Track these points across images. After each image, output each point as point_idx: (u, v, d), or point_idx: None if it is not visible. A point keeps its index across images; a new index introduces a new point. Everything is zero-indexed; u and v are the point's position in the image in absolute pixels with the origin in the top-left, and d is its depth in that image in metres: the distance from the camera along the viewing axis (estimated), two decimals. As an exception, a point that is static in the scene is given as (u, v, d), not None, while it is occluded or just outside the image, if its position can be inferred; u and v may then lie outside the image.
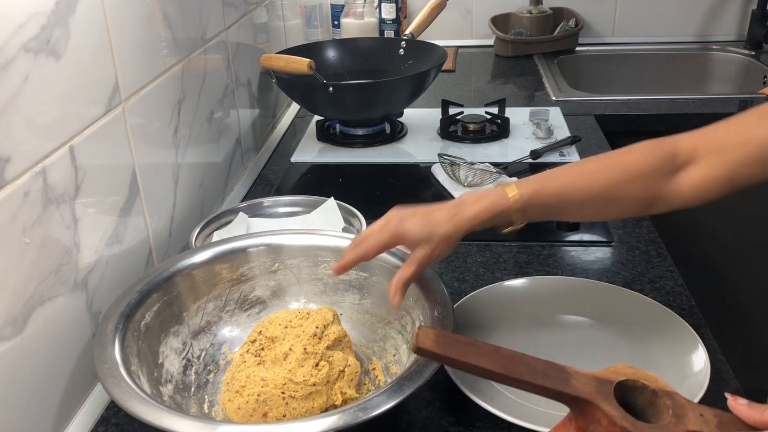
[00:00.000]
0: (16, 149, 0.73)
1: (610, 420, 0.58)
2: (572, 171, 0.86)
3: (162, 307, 0.88)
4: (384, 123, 1.66)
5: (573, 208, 0.85)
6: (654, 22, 2.27)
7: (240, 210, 1.20)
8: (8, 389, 0.73)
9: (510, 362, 0.61)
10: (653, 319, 0.95)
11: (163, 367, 0.86)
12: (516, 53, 2.21)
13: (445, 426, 0.83)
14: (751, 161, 0.80)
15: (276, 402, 0.80)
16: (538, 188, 0.83)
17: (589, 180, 0.84)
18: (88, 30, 0.87)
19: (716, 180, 0.82)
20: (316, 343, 0.84)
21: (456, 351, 0.61)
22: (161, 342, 0.87)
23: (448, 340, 0.62)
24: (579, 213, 0.87)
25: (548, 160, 1.48)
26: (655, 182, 0.83)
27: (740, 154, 0.80)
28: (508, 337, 0.96)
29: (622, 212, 0.87)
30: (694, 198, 0.84)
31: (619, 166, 0.85)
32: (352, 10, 2.21)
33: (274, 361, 0.83)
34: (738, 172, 0.81)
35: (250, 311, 0.97)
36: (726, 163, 0.81)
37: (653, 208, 0.85)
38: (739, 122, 0.82)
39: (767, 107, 0.81)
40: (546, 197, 0.83)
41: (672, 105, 1.79)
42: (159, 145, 1.07)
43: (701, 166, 0.83)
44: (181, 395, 0.85)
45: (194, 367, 0.90)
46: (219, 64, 1.33)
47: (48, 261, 0.79)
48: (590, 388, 0.60)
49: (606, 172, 0.85)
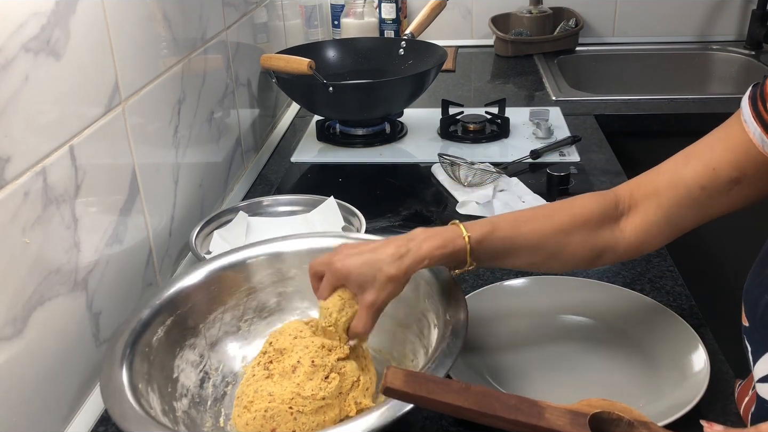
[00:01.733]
0: (16, 149, 0.73)
1: None
2: (522, 216, 0.86)
3: (176, 321, 0.87)
4: (384, 123, 1.66)
5: (522, 253, 0.83)
6: (654, 22, 2.27)
7: (240, 209, 1.20)
8: (9, 389, 0.73)
9: (481, 399, 0.60)
10: (653, 319, 0.95)
11: (178, 381, 0.84)
12: (516, 53, 2.21)
13: (445, 426, 0.83)
14: (683, 202, 0.81)
15: (284, 417, 0.78)
16: (489, 231, 0.81)
17: (539, 224, 0.84)
18: (88, 30, 0.87)
19: (655, 224, 0.83)
20: (325, 355, 0.81)
21: (425, 389, 0.60)
22: (176, 356, 0.86)
23: (417, 379, 0.60)
24: (528, 259, 0.85)
25: (548, 160, 1.48)
26: (601, 230, 0.84)
27: (672, 196, 0.82)
28: (508, 337, 0.96)
29: (569, 261, 0.86)
30: (637, 243, 0.84)
31: (568, 212, 0.85)
32: (352, 10, 2.21)
33: (282, 375, 0.81)
34: (673, 213, 0.82)
35: (269, 319, 0.95)
36: (660, 206, 0.82)
37: (601, 260, 0.86)
38: (668, 165, 0.84)
39: (690, 148, 0.83)
40: (496, 240, 0.82)
41: (672, 105, 1.79)
42: (159, 145, 1.07)
43: (639, 211, 0.84)
44: (196, 409, 0.84)
45: (212, 380, 0.88)
46: (219, 64, 1.33)
47: (48, 261, 0.79)
48: (564, 420, 0.60)
49: (555, 218, 0.85)
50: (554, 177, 1.34)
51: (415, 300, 0.87)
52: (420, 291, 0.87)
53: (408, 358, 0.88)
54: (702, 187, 0.80)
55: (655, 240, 0.85)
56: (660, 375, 0.87)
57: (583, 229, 0.84)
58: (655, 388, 0.85)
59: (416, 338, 0.87)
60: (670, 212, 0.82)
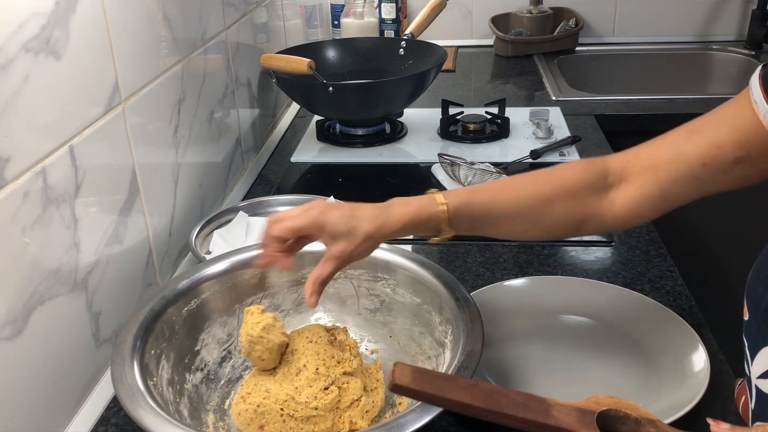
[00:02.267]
0: (16, 149, 0.73)
1: None
2: (502, 183, 0.85)
3: (212, 296, 0.89)
4: (384, 123, 1.66)
5: (503, 221, 0.83)
6: (654, 22, 2.27)
7: (240, 209, 1.20)
8: (9, 389, 0.73)
9: (489, 396, 0.60)
10: (653, 319, 0.95)
11: (198, 354, 0.86)
12: (516, 53, 2.21)
13: (445, 426, 0.83)
14: (682, 177, 0.79)
15: (273, 417, 0.78)
16: (467, 198, 0.81)
17: (518, 192, 0.83)
18: (88, 30, 0.86)
19: (649, 197, 0.82)
20: (332, 366, 0.81)
21: (433, 386, 0.59)
22: (203, 330, 0.87)
23: (425, 376, 0.60)
24: (508, 227, 0.84)
25: (548, 159, 1.48)
26: (587, 199, 0.82)
27: (671, 171, 0.80)
28: (508, 337, 0.96)
29: (552, 229, 0.84)
30: (627, 216, 0.83)
31: (551, 180, 0.84)
32: (352, 10, 2.21)
33: (285, 375, 0.81)
34: (670, 188, 0.80)
35: (304, 314, 0.96)
36: (658, 180, 0.81)
37: (585, 227, 0.84)
38: (669, 139, 0.82)
39: (694, 123, 0.81)
40: (475, 206, 0.81)
41: (672, 105, 1.79)
42: (159, 145, 1.07)
43: (633, 184, 0.82)
44: (207, 386, 0.86)
45: (232, 360, 0.90)
46: (219, 64, 1.33)
47: (48, 261, 0.79)
48: (572, 418, 0.59)
49: (537, 186, 0.84)
50: (554, 177, 1.34)
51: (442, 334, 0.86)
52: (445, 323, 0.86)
53: None
54: (703, 165, 0.78)
55: (645, 214, 0.83)
56: (660, 375, 0.87)
57: (566, 198, 0.82)
58: (655, 388, 0.85)
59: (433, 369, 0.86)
60: (666, 187, 0.80)
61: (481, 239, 1.17)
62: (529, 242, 1.17)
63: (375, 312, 0.95)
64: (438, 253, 1.17)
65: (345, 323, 0.94)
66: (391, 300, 0.93)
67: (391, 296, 0.93)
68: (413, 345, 0.91)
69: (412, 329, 0.91)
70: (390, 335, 0.93)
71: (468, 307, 0.83)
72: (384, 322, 0.94)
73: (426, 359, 0.88)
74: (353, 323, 0.95)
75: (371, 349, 0.94)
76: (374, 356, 0.93)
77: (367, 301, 0.95)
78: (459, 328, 0.80)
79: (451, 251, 1.18)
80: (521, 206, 0.82)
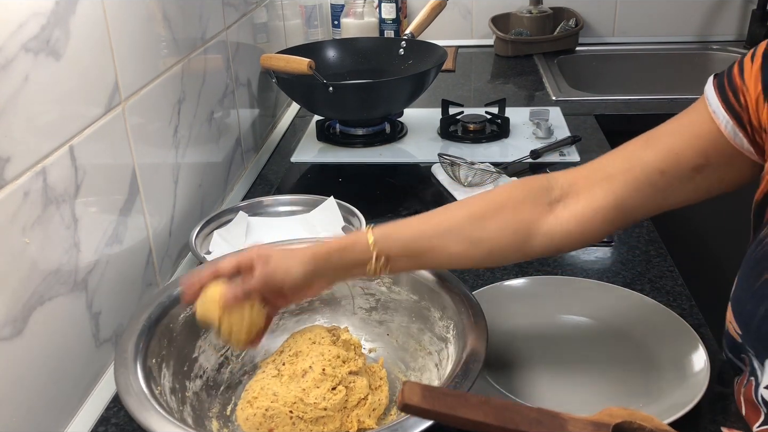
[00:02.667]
0: (16, 149, 0.73)
1: None
2: (435, 211, 0.83)
3: None
4: (384, 123, 1.66)
5: (436, 242, 0.79)
6: (654, 22, 2.27)
7: (240, 209, 1.20)
8: (9, 389, 0.73)
9: (502, 413, 0.58)
10: (653, 319, 0.95)
11: (196, 361, 0.86)
12: (516, 53, 2.21)
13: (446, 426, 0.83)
14: (639, 186, 0.77)
15: (283, 420, 0.78)
16: (394, 225, 0.80)
17: (449, 214, 0.82)
18: (88, 30, 0.86)
19: (601, 208, 0.78)
20: (338, 366, 0.81)
21: (444, 405, 0.58)
22: (200, 336, 0.87)
23: (435, 394, 0.59)
24: (444, 249, 0.79)
25: (548, 159, 1.48)
26: (524, 213, 0.79)
27: (627, 179, 0.77)
28: (507, 337, 0.96)
29: (493, 248, 0.80)
30: (579, 231, 0.79)
31: (481, 199, 0.83)
32: (352, 10, 2.21)
33: (291, 377, 0.81)
34: (626, 198, 0.77)
35: (300, 317, 0.96)
36: (612, 190, 0.78)
37: (532, 244, 0.80)
38: (623, 150, 0.81)
39: (650, 133, 0.80)
40: (403, 230, 0.80)
41: (672, 105, 1.79)
42: (159, 145, 1.07)
43: (584, 197, 0.79)
44: (207, 392, 0.85)
45: (230, 366, 0.89)
46: (219, 64, 1.33)
47: (48, 261, 0.79)
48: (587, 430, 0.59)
49: (467, 206, 0.82)
50: (554, 177, 1.34)
51: (443, 329, 0.86)
52: (446, 319, 0.86)
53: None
54: (662, 172, 0.76)
55: (599, 228, 0.79)
56: (660, 375, 0.87)
57: (499, 212, 0.80)
58: (655, 388, 0.85)
59: (435, 367, 0.86)
60: (623, 197, 0.77)
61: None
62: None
63: (371, 311, 0.95)
64: (438, 253, 1.17)
65: (341, 324, 0.94)
66: (387, 298, 0.94)
67: (387, 294, 0.93)
68: (412, 342, 0.91)
69: (410, 326, 0.91)
70: (387, 333, 0.93)
71: (469, 301, 0.84)
72: (380, 320, 0.94)
73: (426, 354, 0.88)
74: (349, 323, 0.95)
75: (369, 348, 0.94)
76: (372, 355, 0.93)
77: (362, 300, 0.95)
78: (462, 322, 0.81)
79: (451, 251, 1.18)
80: (452, 225, 0.80)
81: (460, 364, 0.75)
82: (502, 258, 0.84)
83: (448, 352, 0.84)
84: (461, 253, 0.80)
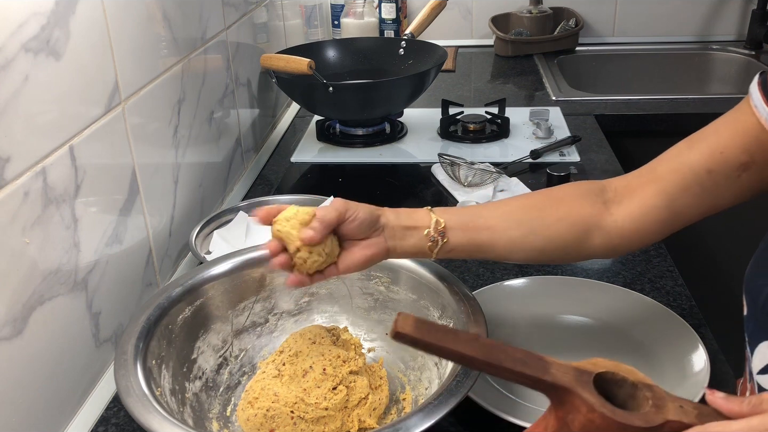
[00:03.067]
0: (16, 149, 0.73)
1: (589, 407, 0.58)
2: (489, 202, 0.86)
3: (205, 303, 0.88)
4: (384, 123, 1.66)
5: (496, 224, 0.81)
6: (654, 22, 2.27)
7: (240, 209, 1.20)
8: (9, 389, 0.73)
9: (489, 350, 0.60)
10: (653, 319, 0.95)
11: (195, 362, 0.86)
12: (516, 53, 2.21)
13: (446, 426, 0.83)
14: (687, 185, 0.78)
15: (284, 420, 0.78)
16: (456, 208, 0.83)
17: (509, 201, 0.84)
18: (88, 30, 0.87)
19: (654, 207, 0.80)
20: (339, 366, 0.81)
21: (435, 337, 0.60)
22: (199, 338, 0.87)
23: (427, 326, 0.60)
24: (505, 233, 0.81)
25: (548, 159, 1.48)
26: (584, 207, 0.81)
27: (675, 179, 0.79)
28: (508, 336, 0.96)
29: (553, 236, 0.81)
30: (633, 230, 0.81)
31: (540, 193, 0.85)
32: (352, 10, 2.21)
33: (292, 377, 0.81)
34: (676, 198, 0.79)
35: (298, 317, 0.96)
36: (663, 190, 0.79)
37: (590, 242, 0.81)
38: (670, 152, 0.82)
39: (693, 135, 0.81)
40: (463, 209, 0.83)
41: (672, 105, 1.79)
42: (159, 145, 1.07)
43: (636, 197, 0.81)
44: (207, 393, 0.85)
45: (229, 367, 0.89)
46: (219, 64, 1.33)
47: (48, 261, 0.79)
48: (569, 377, 0.60)
49: (525, 197, 0.85)
50: (554, 177, 1.34)
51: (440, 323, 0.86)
52: (445, 318, 0.86)
53: (423, 385, 0.87)
54: (709, 171, 0.77)
55: (652, 229, 0.81)
56: (660, 375, 0.87)
57: (558, 205, 0.82)
58: (655, 388, 0.85)
59: (434, 366, 0.86)
60: (673, 197, 0.79)
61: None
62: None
63: (369, 310, 0.95)
64: (438, 253, 1.17)
65: (339, 323, 0.94)
66: (385, 298, 0.94)
67: (385, 294, 0.93)
68: None
69: None
70: (386, 333, 0.93)
71: (468, 300, 0.84)
72: (379, 320, 0.94)
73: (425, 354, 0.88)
74: (348, 323, 0.95)
75: (368, 347, 0.94)
76: (371, 354, 0.93)
77: (360, 300, 0.95)
78: (461, 321, 0.81)
79: (451, 251, 1.18)
80: (512, 210, 0.82)
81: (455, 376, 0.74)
82: (558, 252, 0.84)
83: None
84: (519, 240, 0.81)
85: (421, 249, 0.80)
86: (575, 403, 0.59)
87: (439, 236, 0.79)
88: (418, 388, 0.87)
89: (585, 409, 0.58)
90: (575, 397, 0.59)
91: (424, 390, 0.85)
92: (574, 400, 0.59)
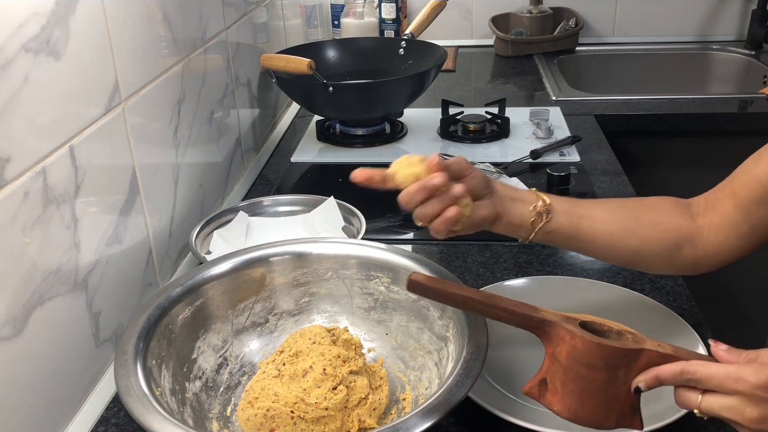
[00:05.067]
0: (16, 149, 0.73)
1: (571, 334, 0.66)
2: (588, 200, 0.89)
3: (205, 303, 0.88)
4: (384, 123, 1.66)
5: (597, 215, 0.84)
6: (654, 22, 2.27)
7: (240, 209, 1.20)
8: (8, 389, 0.73)
9: (488, 295, 0.72)
10: (653, 319, 0.95)
11: (195, 362, 0.86)
12: (516, 53, 2.21)
13: (445, 426, 0.83)
14: (760, 198, 0.80)
15: (284, 420, 0.78)
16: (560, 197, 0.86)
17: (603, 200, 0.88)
18: (88, 30, 0.87)
19: (733, 221, 0.83)
20: (339, 365, 0.81)
21: (442, 284, 0.72)
22: (199, 338, 0.87)
23: (435, 279, 0.74)
24: (606, 227, 0.84)
25: (548, 160, 1.48)
26: (675, 216, 0.85)
27: (748, 194, 0.81)
28: (507, 336, 0.96)
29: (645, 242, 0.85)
30: (717, 242, 0.84)
31: (633, 198, 0.88)
32: (352, 10, 2.21)
33: (292, 377, 0.81)
34: (752, 212, 0.81)
35: (298, 317, 0.95)
36: (738, 204, 0.82)
37: (682, 249, 0.85)
38: (741, 167, 0.84)
39: (762, 149, 0.82)
40: (566, 199, 0.85)
41: (672, 105, 1.79)
42: (159, 145, 1.07)
43: (718, 211, 0.84)
44: (207, 393, 0.85)
45: (229, 367, 0.89)
46: (219, 64, 1.33)
47: (48, 261, 0.79)
48: (557, 317, 0.69)
49: (619, 200, 0.88)
50: (554, 177, 1.34)
51: (442, 328, 0.86)
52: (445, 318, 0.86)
53: (423, 384, 0.86)
54: None
55: (735, 243, 0.84)
56: (660, 375, 0.87)
57: (652, 211, 0.86)
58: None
59: (435, 366, 0.86)
60: (748, 210, 0.81)
61: (481, 239, 1.17)
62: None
63: (369, 311, 0.95)
64: (438, 253, 1.17)
65: (339, 323, 0.94)
66: (385, 298, 0.93)
67: (385, 294, 0.93)
68: (411, 341, 0.91)
69: (409, 326, 0.91)
70: (386, 333, 0.93)
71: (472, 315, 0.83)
72: (379, 320, 0.94)
73: (426, 353, 0.88)
74: (348, 323, 0.95)
75: (368, 347, 0.94)
76: (372, 354, 0.93)
77: (360, 300, 0.95)
78: (462, 321, 0.81)
79: (451, 251, 1.18)
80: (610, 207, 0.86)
81: (461, 362, 0.75)
82: (651, 257, 0.87)
83: (448, 351, 0.84)
84: (617, 236, 0.84)
85: (524, 223, 0.83)
86: (560, 334, 0.67)
87: (544, 213, 0.82)
88: (418, 388, 0.86)
89: (569, 337, 0.66)
90: (560, 329, 0.67)
91: (424, 390, 0.85)
92: (560, 332, 0.67)
